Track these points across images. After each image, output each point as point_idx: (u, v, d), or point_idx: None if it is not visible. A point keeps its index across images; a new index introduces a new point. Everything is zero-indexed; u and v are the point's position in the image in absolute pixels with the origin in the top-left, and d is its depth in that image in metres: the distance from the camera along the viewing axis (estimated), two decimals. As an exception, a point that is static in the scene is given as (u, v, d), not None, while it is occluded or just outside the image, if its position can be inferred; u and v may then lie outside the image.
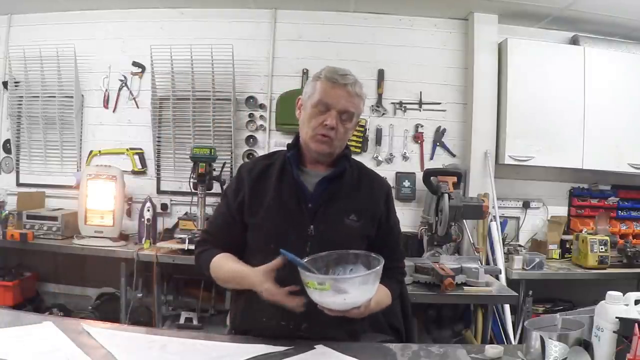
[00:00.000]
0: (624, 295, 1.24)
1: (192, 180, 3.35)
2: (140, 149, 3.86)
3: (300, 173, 1.55)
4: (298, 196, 1.51)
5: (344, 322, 1.39)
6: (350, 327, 1.48)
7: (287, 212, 1.50)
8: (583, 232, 3.61)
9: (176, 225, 3.55)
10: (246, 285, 1.42)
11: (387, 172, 3.80)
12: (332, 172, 1.55)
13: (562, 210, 3.91)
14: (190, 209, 3.50)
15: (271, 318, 1.45)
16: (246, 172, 1.58)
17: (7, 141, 3.94)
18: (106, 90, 3.87)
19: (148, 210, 3.45)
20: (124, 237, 3.51)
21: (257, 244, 1.53)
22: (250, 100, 3.83)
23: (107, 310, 3.52)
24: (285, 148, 1.62)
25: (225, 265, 1.51)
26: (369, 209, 1.56)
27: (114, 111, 3.88)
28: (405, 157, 3.83)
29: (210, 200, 3.39)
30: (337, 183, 1.54)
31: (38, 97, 3.82)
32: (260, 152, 3.78)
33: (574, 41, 3.78)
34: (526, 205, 3.87)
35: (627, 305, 1.22)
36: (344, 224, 1.51)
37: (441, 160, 3.82)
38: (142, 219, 3.44)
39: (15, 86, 3.85)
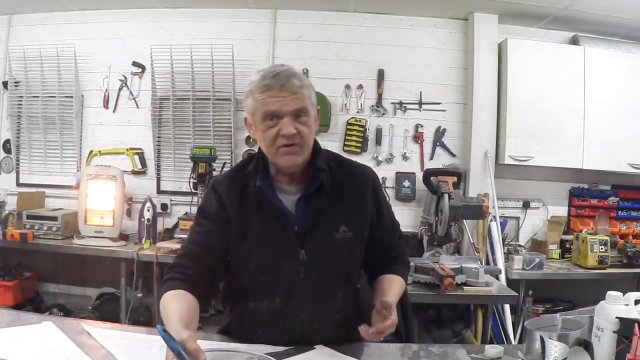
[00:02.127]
0: (624, 295, 1.23)
1: (192, 180, 3.35)
2: (140, 149, 3.86)
3: (278, 192, 1.40)
4: (281, 221, 1.38)
5: (342, 335, 1.39)
6: (351, 339, 1.43)
7: (274, 240, 1.38)
8: (583, 232, 3.61)
9: (176, 225, 3.55)
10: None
11: (387, 172, 3.81)
12: (309, 190, 1.40)
13: (562, 210, 3.91)
14: (190, 209, 3.50)
15: (267, 334, 1.39)
16: (225, 194, 1.41)
17: (7, 141, 3.94)
18: (106, 90, 3.87)
19: (148, 210, 3.45)
20: (124, 237, 3.51)
21: (245, 279, 1.42)
22: (250, 100, 3.82)
23: (107, 310, 3.52)
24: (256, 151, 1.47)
25: (169, 305, 1.26)
26: (358, 213, 1.45)
27: (114, 111, 3.88)
28: (405, 157, 3.83)
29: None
30: (317, 197, 1.40)
31: (38, 97, 3.82)
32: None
33: (574, 41, 3.78)
34: (526, 205, 3.87)
35: (627, 305, 1.21)
36: (335, 240, 1.40)
37: (441, 160, 3.82)
38: (142, 219, 3.44)
39: (15, 86, 3.85)
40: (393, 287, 1.45)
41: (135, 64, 3.84)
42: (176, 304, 1.26)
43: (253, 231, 1.38)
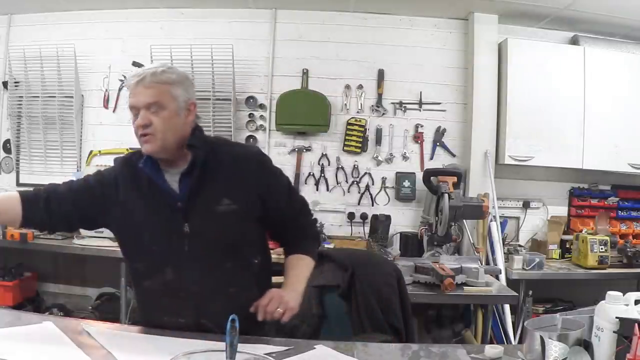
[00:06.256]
0: (624, 295, 1.23)
1: (191, 180, 3.35)
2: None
3: (165, 173, 1.50)
4: (165, 198, 1.48)
5: (246, 313, 1.40)
6: (254, 317, 1.44)
7: (160, 216, 1.48)
8: (583, 232, 3.60)
9: (176, 225, 3.54)
10: None
11: (387, 172, 3.81)
12: (187, 167, 1.48)
13: (562, 210, 3.90)
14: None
15: (170, 315, 1.48)
16: (120, 174, 1.54)
17: (7, 141, 3.94)
18: (106, 90, 3.87)
19: (148, 210, 3.44)
20: (124, 237, 3.51)
21: (139, 256, 1.53)
22: (250, 100, 3.83)
23: (107, 310, 3.51)
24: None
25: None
26: (243, 188, 1.51)
27: (114, 111, 3.88)
28: (405, 157, 3.83)
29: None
30: (198, 173, 1.47)
31: (38, 97, 3.82)
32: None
33: (574, 41, 3.78)
34: (526, 205, 3.87)
35: (627, 305, 1.21)
36: (218, 213, 1.47)
37: (441, 160, 3.82)
38: (142, 219, 3.43)
39: (15, 86, 3.85)
40: (297, 270, 1.58)
41: (135, 64, 3.83)
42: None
43: (142, 208, 1.49)
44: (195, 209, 1.47)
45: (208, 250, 1.47)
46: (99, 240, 3.32)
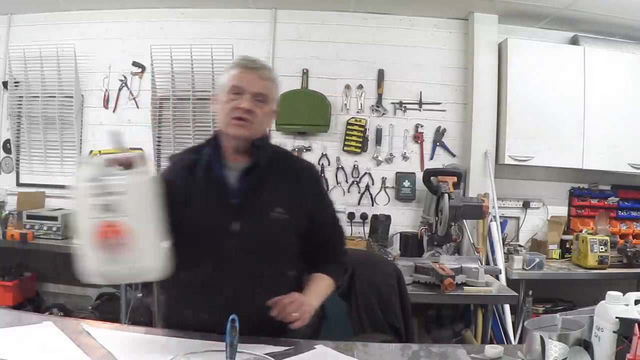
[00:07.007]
0: (624, 295, 1.24)
1: (192, 180, 3.35)
2: (140, 149, 3.85)
3: (225, 167, 1.52)
4: (222, 192, 1.49)
5: (270, 315, 1.40)
6: (277, 321, 1.42)
7: (212, 209, 1.48)
8: (583, 232, 3.60)
9: (176, 225, 3.54)
10: None
11: (387, 172, 3.81)
12: (250, 163, 1.50)
13: (562, 210, 3.90)
14: (190, 209, 3.50)
15: (195, 309, 1.47)
16: (174, 164, 1.62)
17: (7, 141, 3.94)
18: (106, 90, 3.87)
19: (148, 210, 3.44)
20: (124, 237, 3.50)
21: (181, 240, 1.50)
22: (250, 100, 3.82)
23: (107, 310, 3.51)
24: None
25: None
26: (297, 201, 1.52)
27: (114, 111, 3.88)
28: (405, 157, 3.83)
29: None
30: (259, 174, 1.49)
31: (38, 97, 3.82)
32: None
33: (574, 41, 3.78)
34: (526, 205, 3.87)
35: (627, 305, 1.21)
36: (269, 218, 1.47)
37: (441, 160, 3.82)
38: (142, 219, 3.43)
39: (15, 86, 3.86)
40: (316, 287, 1.55)
41: (135, 64, 3.84)
42: None
43: (196, 200, 1.50)
44: (248, 210, 1.47)
45: (250, 253, 1.46)
46: (99, 240, 3.32)
